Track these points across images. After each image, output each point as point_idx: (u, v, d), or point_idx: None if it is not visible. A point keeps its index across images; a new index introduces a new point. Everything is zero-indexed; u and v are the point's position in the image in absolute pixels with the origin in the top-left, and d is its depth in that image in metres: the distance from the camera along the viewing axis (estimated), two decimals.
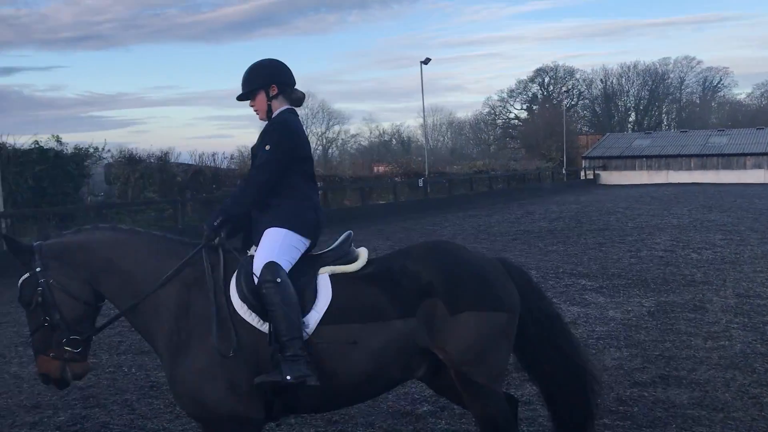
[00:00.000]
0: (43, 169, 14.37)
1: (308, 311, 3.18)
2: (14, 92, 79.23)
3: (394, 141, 72.75)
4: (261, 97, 3.50)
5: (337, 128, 73.53)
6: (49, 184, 14.51)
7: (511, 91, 74.99)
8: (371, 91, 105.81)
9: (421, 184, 26.31)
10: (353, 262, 3.42)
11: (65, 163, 14.98)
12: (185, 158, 20.68)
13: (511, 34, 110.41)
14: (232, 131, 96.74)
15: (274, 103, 3.51)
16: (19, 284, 3.16)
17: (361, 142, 74.27)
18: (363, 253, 3.49)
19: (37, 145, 14.69)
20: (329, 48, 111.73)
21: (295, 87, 3.63)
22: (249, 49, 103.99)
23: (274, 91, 3.49)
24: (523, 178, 37.11)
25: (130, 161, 18.14)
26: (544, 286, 8.87)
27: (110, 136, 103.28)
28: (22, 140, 14.85)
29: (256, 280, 3.14)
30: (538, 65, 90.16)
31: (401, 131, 76.06)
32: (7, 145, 14.22)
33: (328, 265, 3.38)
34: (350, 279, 3.33)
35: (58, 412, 5.02)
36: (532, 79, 74.03)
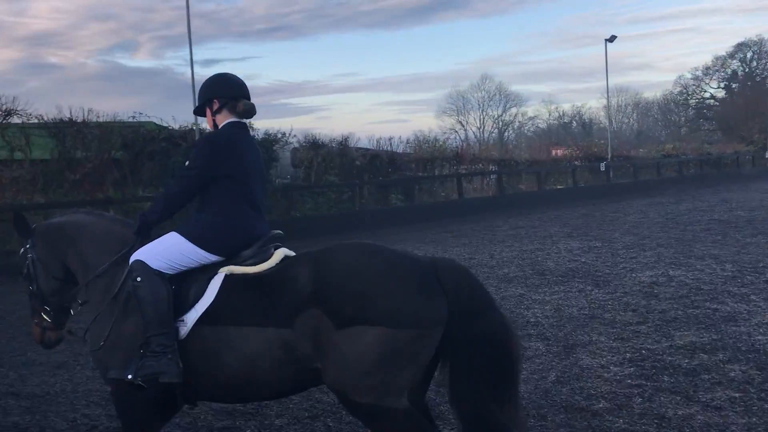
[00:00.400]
0: None
1: (188, 310, 3.14)
2: None
3: (574, 123, 69.99)
4: (207, 113, 3.58)
5: (514, 111, 72.12)
6: None
7: (707, 68, 68.81)
8: (551, 72, 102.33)
9: (602, 168, 25.07)
10: (263, 262, 3.25)
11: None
12: (364, 143, 21.38)
13: (707, 7, 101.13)
14: (409, 116, 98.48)
15: (218, 118, 3.54)
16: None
17: (539, 125, 72.28)
18: (277, 254, 3.29)
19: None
20: (508, 29, 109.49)
21: (245, 99, 3.58)
22: (428, 34, 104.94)
23: (215, 105, 3.53)
24: (718, 162, 34.04)
25: (313, 146, 19.06)
26: (740, 281, 8.11)
27: (296, 122, 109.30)
28: None
29: None
30: (739, 39, 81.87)
31: (582, 113, 72.93)
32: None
33: (235, 265, 3.25)
34: (244, 281, 3.18)
35: None
36: (731, 55, 67.40)
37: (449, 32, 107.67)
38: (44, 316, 3.53)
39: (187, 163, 3.45)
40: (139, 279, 3.14)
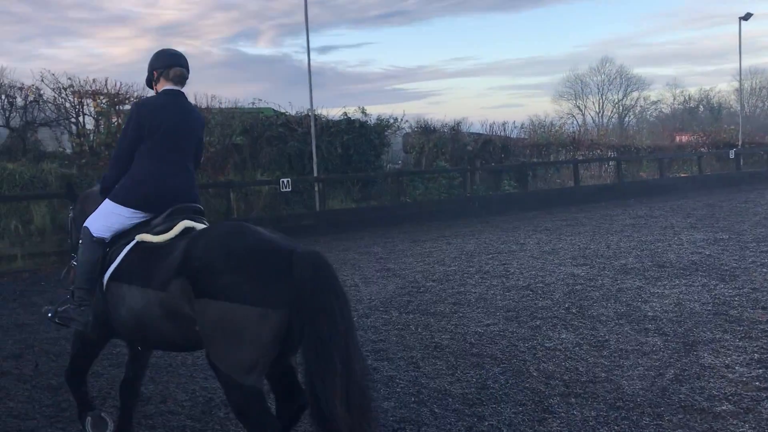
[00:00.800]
0: (350, 139, 15.82)
1: (107, 270, 3.62)
2: (330, 69, 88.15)
3: (701, 108, 65.92)
4: (153, 85, 4.01)
5: (635, 95, 68.86)
6: (354, 152, 15.92)
7: None
8: (677, 54, 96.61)
9: (731, 155, 23.47)
10: (166, 233, 3.58)
11: (368, 132, 16.28)
12: (477, 128, 21.12)
13: None
14: (523, 100, 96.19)
15: (157, 87, 3.95)
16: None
17: (663, 110, 68.62)
18: (178, 227, 3.60)
19: (345, 117, 16.17)
20: (631, 9, 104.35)
21: (177, 67, 3.92)
22: (545, 15, 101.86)
23: (155, 76, 3.95)
24: None
25: (425, 131, 19.06)
26: None
27: (409, 107, 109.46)
28: (333, 112, 16.53)
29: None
30: None
31: (710, 97, 68.56)
32: (321, 116, 15.89)
33: (146, 233, 3.62)
34: (146, 248, 3.56)
35: None
36: None
37: (568, 14, 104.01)
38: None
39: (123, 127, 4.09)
40: (80, 243, 3.77)
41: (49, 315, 3.88)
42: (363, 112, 16.57)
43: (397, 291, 7.99)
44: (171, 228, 3.61)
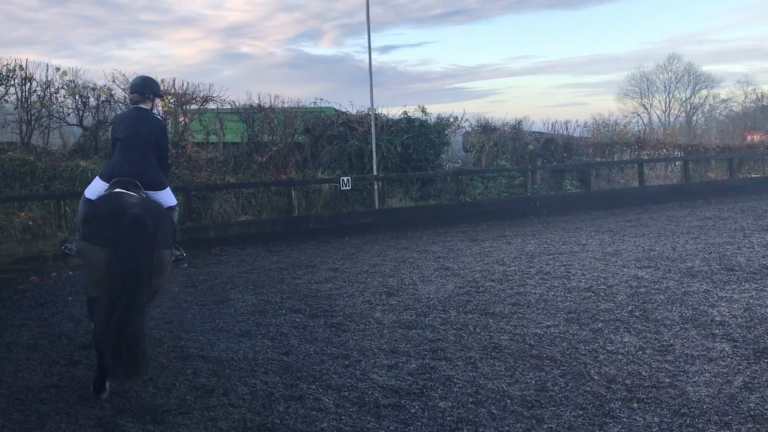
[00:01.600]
0: (409, 137, 15.83)
1: None
2: (390, 68, 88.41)
3: None
4: None
5: (704, 93, 66.59)
6: (414, 150, 15.93)
7: None
8: (749, 50, 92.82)
9: None
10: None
11: (428, 131, 16.25)
12: (538, 127, 20.76)
13: None
14: (587, 98, 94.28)
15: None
16: None
17: (733, 108, 66.13)
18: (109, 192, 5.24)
19: (405, 116, 16.19)
20: (700, 5, 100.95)
21: (135, 94, 5.86)
22: (610, 12, 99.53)
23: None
24: None
25: (485, 130, 18.88)
26: None
27: (469, 106, 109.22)
28: (393, 111, 16.55)
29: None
30: None
31: None
32: (381, 115, 15.95)
33: None
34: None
35: (410, 359, 5.52)
36: None
37: (634, 10, 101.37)
38: None
39: None
40: (80, 202, 5.41)
41: (63, 248, 5.61)
42: (423, 110, 16.56)
43: (455, 290, 7.98)
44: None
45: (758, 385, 4.65)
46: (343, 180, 13.53)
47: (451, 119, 17.03)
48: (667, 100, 67.53)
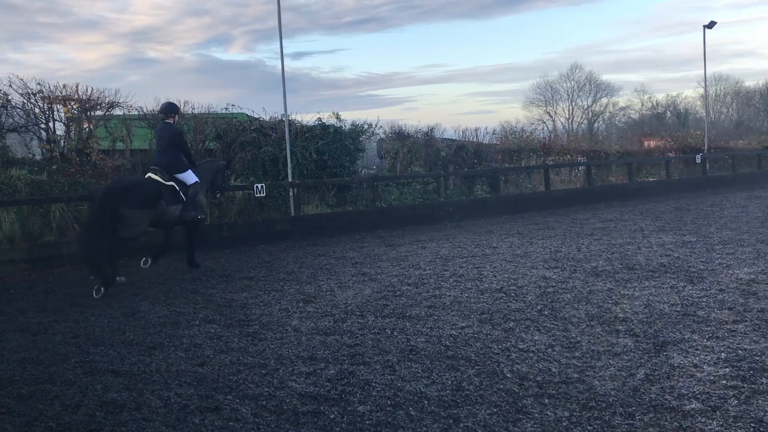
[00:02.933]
0: (324, 144, 15.80)
1: None
2: (303, 74, 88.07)
3: (668, 113, 67.12)
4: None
5: (604, 101, 69.96)
6: (329, 157, 15.91)
7: None
8: (644, 61, 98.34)
9: (698, 160, 23.92)
10: None
11: (343, 138, 16.27)
12: (450, 134, 21.23)
13: None
14: (495, 106, 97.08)
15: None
16: None
17: (631, 115, 69.79)
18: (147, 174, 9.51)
19: (320, 122, 16.18)
20: (599, 17, 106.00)
21: (161, 113, 10.01)
22: (516, 23, 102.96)
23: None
24: None
25: (399, 137, 19.13)
26: None
27: (383, 113, 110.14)
28: (308, 118, 16.52)
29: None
30: None
31: (677, 103, 69.87)
32: (296, 122, 15.86)
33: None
34: None
35: (329, 365, 5.52)
36: None
37: (538, 21, 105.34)
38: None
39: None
40: None
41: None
42: (337, 117, 16.60)
43: (373, 295, 8.04)
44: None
45: (658, 377, 4.92)
46: (257, 187, 13.35)
47: (366, 126, 17.14)
48: (571, 107, 70.44)
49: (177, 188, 9.42)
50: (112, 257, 8.75)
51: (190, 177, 9.59)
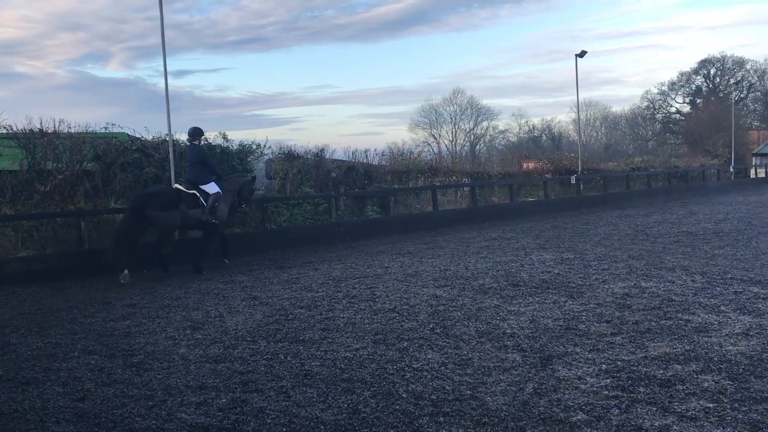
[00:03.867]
0: None
1: None
2: (186, 93, 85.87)
3: (544, 137, 70.82)
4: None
5: (485, 124, 72.88)
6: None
7: (673, 83, 70.45)
8: (521, 86, 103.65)
9: (573, 181, 25.36)
10: None
11: (231, 158, 15.92)
12: (339, 155, 21.31)
13: (674, 24, 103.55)
14: (382, 128, 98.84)
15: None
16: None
17: (510, 138, 73.07)
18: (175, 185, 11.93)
19: (205, 142, 15.74)
20: (480, 44, 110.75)
21: (188, 135, 12.31)
22: (401, 47, 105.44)
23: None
24: (685, 176, 34.68)
25: (289, 157, 18.97)
26: (710, 293, 8.27)
27: (271, 133, 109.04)
28: None
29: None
30: (704, 56, 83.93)
31: (552, 126, 73.94)
32: (180, 142, 15.36)
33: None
34: None
35: (220, 394, 5.33)
36: (696, 71, 69.06)
37: (423, 46, 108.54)
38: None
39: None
40: None
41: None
42: (224, 137, 16.25)
43: (264, 320, 7.87)
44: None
45: (546, 390, 5.11)
46: None
47: (254, 146, 16.89)
48: (454, 130, 72.80)
49: (198, 195, 11.48)
50: (159, 253, 11.59)
51: (212, 188, 11.73)
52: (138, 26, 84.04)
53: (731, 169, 39.75)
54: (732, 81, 64.24)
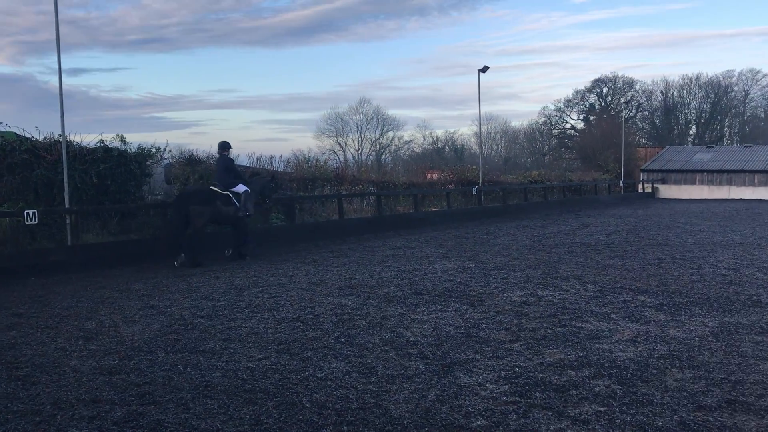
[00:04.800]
0: (107, 168, 14.74)
1: None
2: (81, 92, 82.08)
3: (447, 148, 72.50)
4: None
5: (390, 134, 73.75)
6: (112, 182, 14.87)
7: (568, 101, 73.97)
8: (426, 98, 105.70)
9: (474, 192, 26.07)
10: None
11: (128, 162, 15.31)
12: (243, 160, 20.97)
13: (570, 44, 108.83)
14: (287, 135, 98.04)
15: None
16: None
17: (415, 149, 74.30)
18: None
19: (102, 144, 15.11)
20: (386, 54, 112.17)
21: (219, 148, 14.23)
22: (307, 54, 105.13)
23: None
24: (579, 189, 36.43)
25: (190, 162, 18.48)
26: (601, 301, 8.71)
27: (171, 137, 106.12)
28: (88, 139, 15.29)
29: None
30: (597, 75, 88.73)
31: (455, 139, 75.81)
32: (74, 143, 14.63)
33: None
34: None
35: (115, 407, 5.10)
36: (589, 90, 72.83)
37: (329, 54, 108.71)
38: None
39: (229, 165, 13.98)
40: None
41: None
42: (122, 140, 15.62)
43: (162, 329, 7.60)
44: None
45: (448, 397, 5.21)
46: (27, 213, 12.05)
47: (154, 150, 16.35)
48: (360, 139, 73.27)
49: (231, 196, 13.44)
50: (190, 241, 12.95)
51: (240, 188, 13.62)
52: (29, 20, 79.71)
53: (621, 184, 42.11)
54: (623, 100, 68.13)
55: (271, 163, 20.91)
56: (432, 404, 5.05)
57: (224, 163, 13.83)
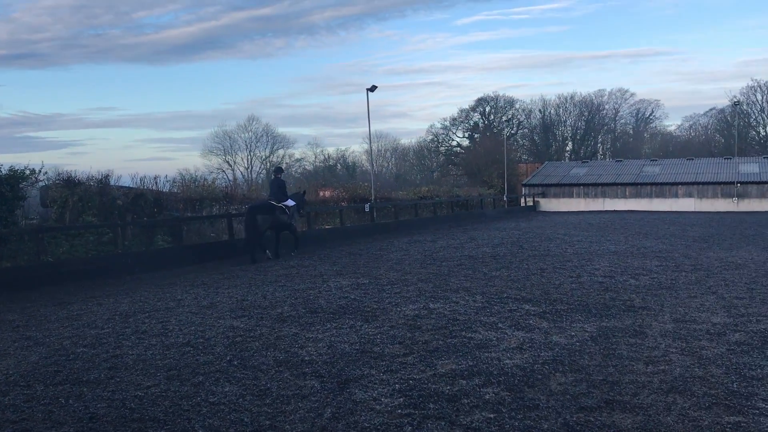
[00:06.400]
0: None
1: None
2: None
3: (339, 166, 72.84)
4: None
5: (281, 152, 73.30)
6: None
7: (454, 119, 76.45)
8: (316, 116, 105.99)
9: (367, 209, 26.34)
10: None
11: None
12: (126, 181, 20.13)
13: (454, 64, 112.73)
14: (173, 154, 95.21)
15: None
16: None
17: (306, 167, 74.17)
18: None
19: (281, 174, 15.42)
20: (275, 72, 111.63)
21: (273, 172, 19.18)
22: (192, 71, 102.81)
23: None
24: (466, 204, 37.61)
25: (68, 184, 17.53)
26: (489, 311, 9.03)
27: (47, 157, 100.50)
28: None
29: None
30: (480, 95, 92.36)
31: (346, 156, 76.32)
32: None
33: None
34: None
35: None
36: (473, 108, 75.63)
37: (216, 71, 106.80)
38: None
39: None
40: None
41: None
42: None
43: (41, 361, 7.16)
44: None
45: (344, 414, 5.23)
46: None
47: (27, 171, 15.41)
48: (249, 157, 72.33)
49: (284, 207, 17.34)
50: (261, 242, 17.14)
51: (290, 202, 17.74)
52: None
53: (505, 198, 43.87)
54: (504, 118, 71.24)
55: (156, 183, 20.22)
56: (328, 422, 5.06)
57: (278, 183, 17.91)
